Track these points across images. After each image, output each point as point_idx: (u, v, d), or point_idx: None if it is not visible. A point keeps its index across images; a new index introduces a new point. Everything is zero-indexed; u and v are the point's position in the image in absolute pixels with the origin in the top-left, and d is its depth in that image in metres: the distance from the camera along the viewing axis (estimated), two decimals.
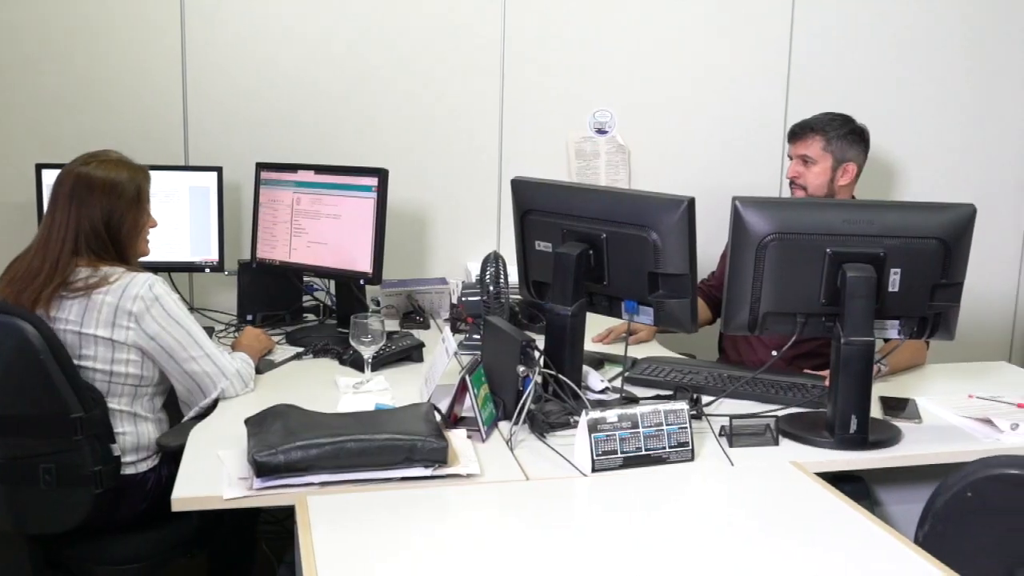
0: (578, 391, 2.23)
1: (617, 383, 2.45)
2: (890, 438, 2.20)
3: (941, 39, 3.64)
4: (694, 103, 3.54)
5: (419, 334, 2.94)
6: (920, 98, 3.66)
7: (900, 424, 2.30)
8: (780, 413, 2.30)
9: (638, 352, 2.84)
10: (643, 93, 3.50)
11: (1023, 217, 3.81)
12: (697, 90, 3.53)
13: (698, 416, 2.25)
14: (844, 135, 2.94)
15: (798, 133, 3.00)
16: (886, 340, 2.47)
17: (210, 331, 2.88)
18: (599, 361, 2.69)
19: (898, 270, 2.15)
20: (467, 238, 3.49)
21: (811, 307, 2.19)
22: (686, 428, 2.04)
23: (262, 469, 1.82)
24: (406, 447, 1.89)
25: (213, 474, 1.90)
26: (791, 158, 3.03)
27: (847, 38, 3.58)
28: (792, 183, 3.01)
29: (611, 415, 2.00)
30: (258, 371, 2.55)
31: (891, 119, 3.60)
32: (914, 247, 2.15)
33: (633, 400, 2.34)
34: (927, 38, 3.63)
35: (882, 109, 3.56)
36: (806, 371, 2.68)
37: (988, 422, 2.30)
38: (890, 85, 3.62)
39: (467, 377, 2.10)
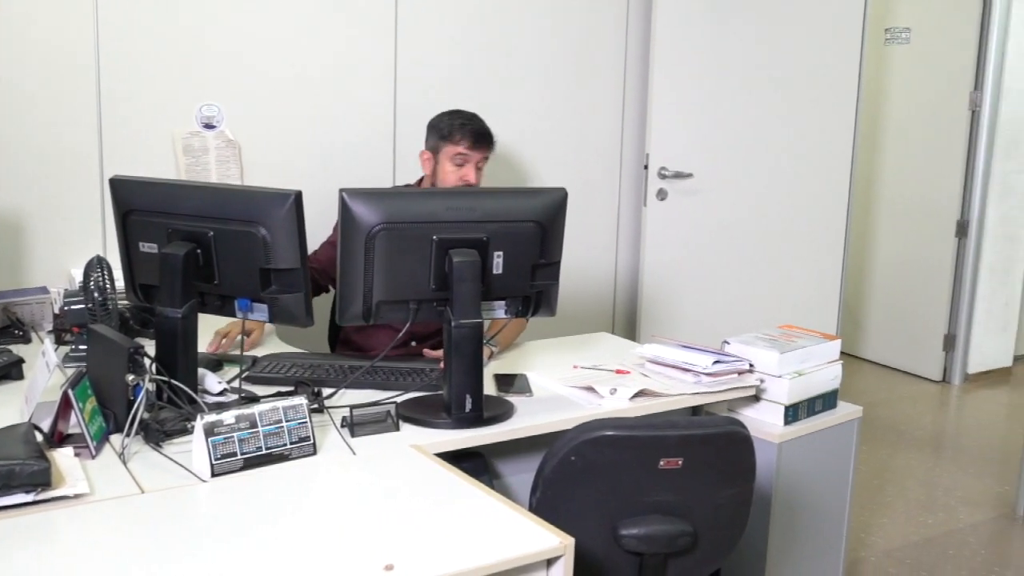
0: (194, 395, 2.16)
1: (237, 383, 2.39)
2: (503, 413, 2.31)
3: (541, 32, 3.86)
4: (304, 97, 3.52)
5: (19, 349, 2.71)
6: (523, 90, 3.86)
7: (513, 399, 2.42)
8: (401, 399, 2.35)
9: (261, 351, 2.79)
10: (252, 86, 3.44)
11: (617, 200, 4.13)
12: (305, 83, 3.52)
13: (320, 409, 2.25)
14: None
15: (485, 140, 3.09)
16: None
17: None
18: (217, 363, 2.61)
19: (500, 253, 2.26)
20: (70, 243, 3.27)
21: (423, 293, 2.25)
22: (306, 423, 2.03)
23: None
24: (2, 473, 1.74)
25: None
26: (459, 161, 3.07)
27: (452, 32, 3.71)
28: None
29: (228, 417, 1.95)
30: None
31: (498, 110, 3.77)
32: (514, 230, 2.27)
33: (253, 399, 2.29)
34: (528, 32, 3.84)
35: (489, 101, 3.73)
36: (425, 351, 2.76)
37: (590, 389, 2.48)
38: (495, 77, 3.80)
39: (70, 391, 1.97)
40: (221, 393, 2.33)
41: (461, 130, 3.07)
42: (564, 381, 2.57)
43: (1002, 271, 5.83)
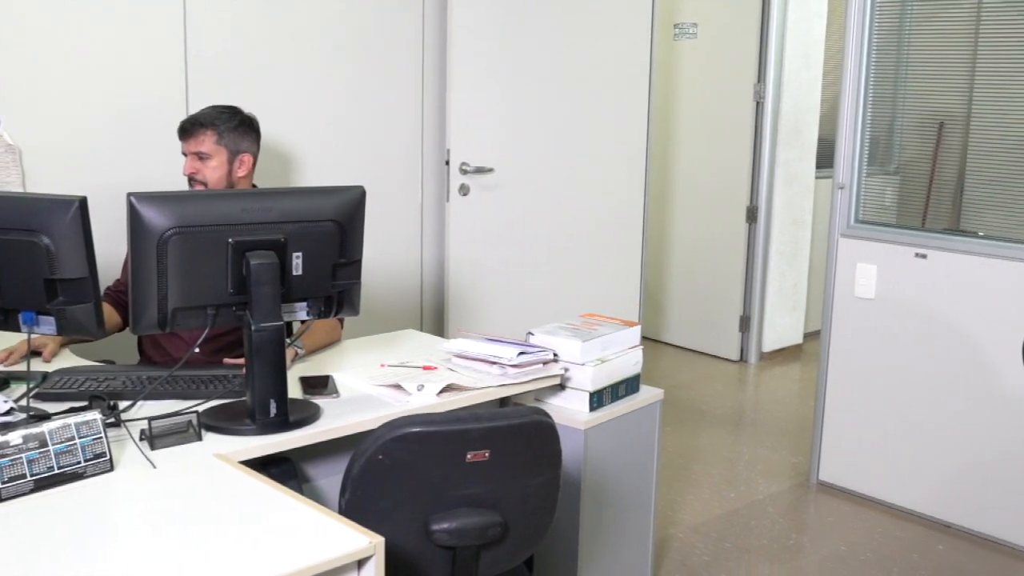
0: None
1: (24, 402, 2.27)
2: (310, 416, 2.28)
3: (335, 28, 3.81)
4: (91, 98, 3.37)
5: None
6: (318, 88, 3.81)
7: (320, 401, 2.39)
8: (203, 407, 2.28)
9: (53, 365, 2.66)
10: (33, 89, 3.26)
11: (420, 196, 4.13)
12: (92, 84, 3.36)
13: (117, 423, 2.16)
14: (235, 127, 2.97)
15: (188, 130, 2.95)
16: (303, 322, 2.55)
17: None
18: (3, 381, 2.47)
19: (300, 253, 2.23)
20: None
21: (220, 298, 2.19)
22: (101, 438, 1.95)
23: None
24: None
25: None
26: (185, 155, 2.99)
27: (245, 29, 3.62)
28: (191, 180, 2.98)
29: (15, 437, 1.85)
30: None
31: (293, 109, 3.71)
32: (312, 230, 2.24)
33: (43, 417, 2.18)
34: (322, 28, 3.78)
35: (284, 100, 3.66)
36: (227, 361, 2.69)
37: (398, 387, 2.48)
38: (288, 75, 3.73)
39: None
40: (7, 413, 2.20)
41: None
42: (371, 380, 2.55)
43: (790, 254, 6.16)
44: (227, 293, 2.19)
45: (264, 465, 2.17)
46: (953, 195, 4.29)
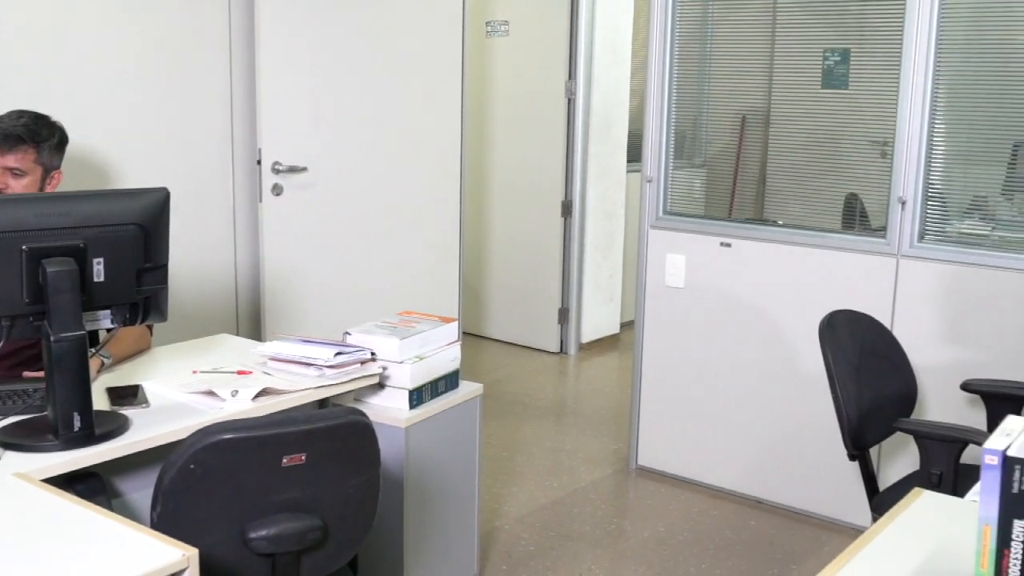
0: None
1: None
2: (117, 428, 2.19)
3: (134, 26, 3.67)
4: None
5: None
6: (117, 88, 3.66)
7: (128, 412, 2.31)
8: (1, 424, 2.16)
9: None
10: None
11: (232, 197, 4.03)
12: None
13: None
14: (55, 145, 2.80)
15: (5, 143, 2.74)
16: (108, 331, 2.45)
17: None
18: None
19: (101, 259, 2.14)
20: None
21: (16, 309, 2.08)
22: None
23: None
24: None
25: None
26: None
27: (35, 26, 3.44)
28: None
29: None
30: None
31: (91, 110, 3.56)
32: (114, 235, 2.16)
33: None
34: (120, 27, 3.64)
35: (81, 100, 3.50)
36: (26, 374, 2.56)
37: (211, 393, 2.41)
38: (87, 75, 3.57)
39: None
40: None
41: None
42: (183, 388, 2.48)
43: (605, 246, 6.31)
44: (23, 303, 2.08)
45: (70, 482, 2.08)
46: (756, 187, 4.50)
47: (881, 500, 2.86)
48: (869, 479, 2.92)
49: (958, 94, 3.70)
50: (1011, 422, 1.48)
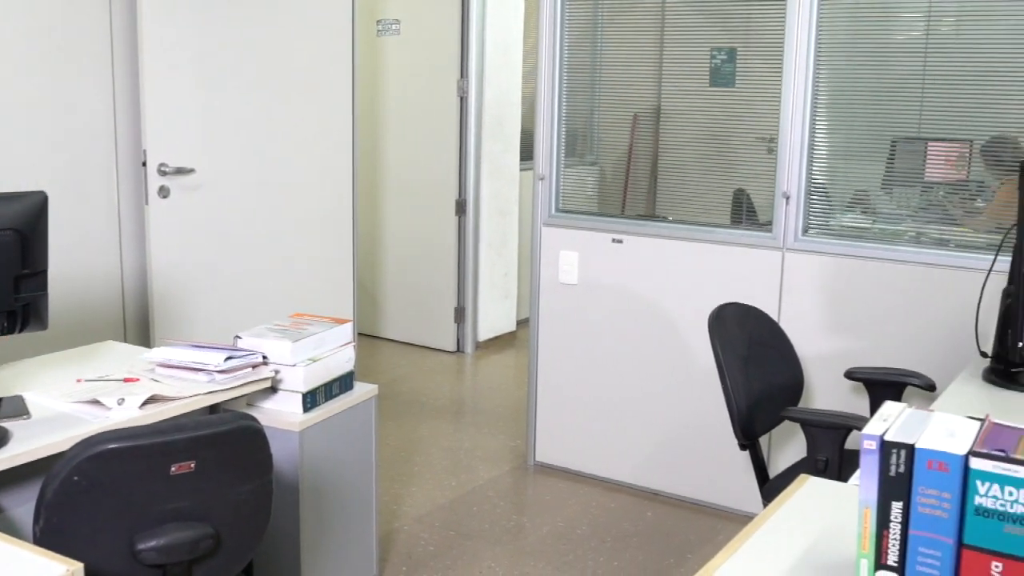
0: None
1: None
2: None
3: (8, 20, 3.55)
4: None
5: None
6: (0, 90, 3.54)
7: (8, 424, 2.23)
8: None
9: None
10: None
11: (116, 200, 3.93)
12: None
13: None
14: None
15: None
16: None
17: None
18: None
19: None
20: None
21: None
22: None
23: None
24: None
25: None
26: None
27: None
28: None
29: None
30: None
31: None
32: None
33: None
34: None
35: None
36: None
37: (96, 402, 2.35)
38: None
39: None
40: None
41: None
42: (66, 397, 2.40)
43: (499, 244, 6.33)
44: None
45: None
46: (648, 183, 4.56)
47: (771, 487, 2.93)
48: (759, 467, 2.99)
49: (839, 92, 3.81)
50: (888, 408, 1.53)
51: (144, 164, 3.92)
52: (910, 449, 1.40)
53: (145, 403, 2.36)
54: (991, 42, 3.48)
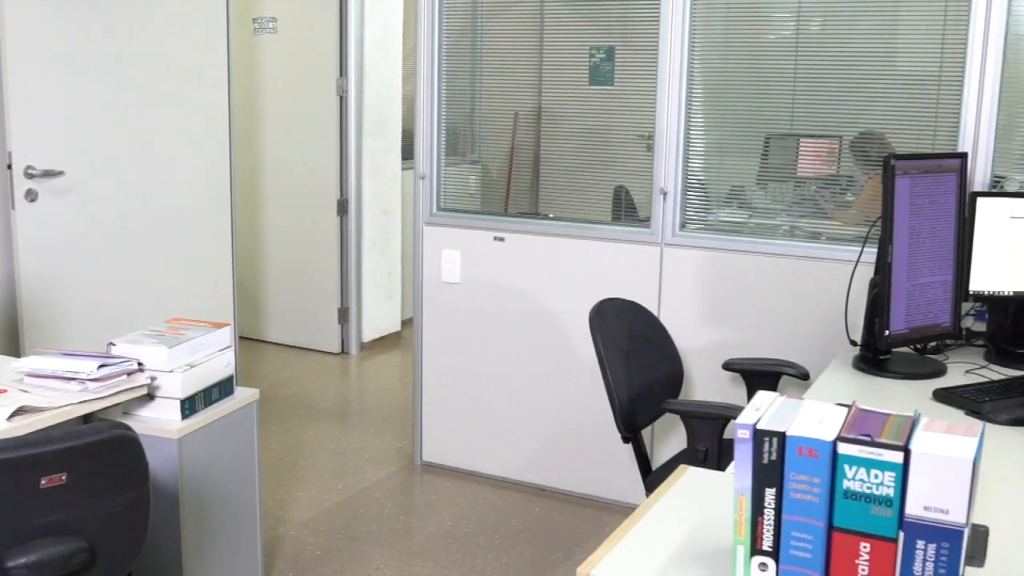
0: None
1: None
2: None
3: None
4: None
5: None
6: None
7: None
8: None
9: None
10: None
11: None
12: None
13: None
14: None
15: None
16: None
17: None
18: None
19: None
20: None
21: None
22: None
23: None
24: None
25: None
26: None
27: None
28: None
29: None
30: None
31: None
32: None
33: None
34: None
35: None
36: None
37: None
38: None
39: None
40: None
41: None
42: None
43: (382, 244, 6.29)
44: None
45: None
46: (530, 181, 4.59)
47: (653, 479, 2.98)
48: (642, 459, 3.04)
49: (714, 90, 3.90)
50: (761, 397, 1.57)
51: (9, 167, 3.78)
52: (781, 437, 1.45)
53: (13, 415, 2.27)
54: (857, 41, 3.61)
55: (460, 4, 4.24)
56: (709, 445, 2.76)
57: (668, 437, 3.87)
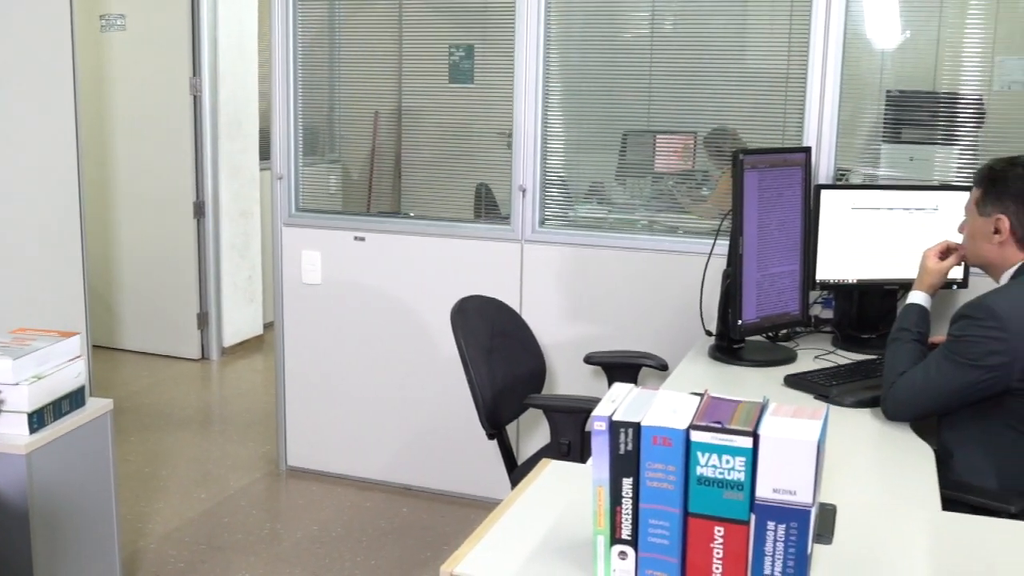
0: None
1: None
2: None
3: None
4: None
5: None
6: None
7: None
8: None
9: None
10: None
11: None
12: None
13: None
14: None
15: None
16: None
17: None
18: None
19: None
20: None
21: None
22: None
23: None
24: None
25: None
26: None
27: None
28: None
29: None
30: None
31: None
32: None
33: None
34: None
35: None
36: None
37: None
38: None
39: None
40: None
41: None
42: None
43: (242, 246, 6.17)
44: None
45: None
46: (392, 180, 4.57)
47: (518, 474, 3.01)
48: (507, 455, 3.06)
49: (572, 87, 3.95)
50: (617, 389, 1.60)
51: None
52: (636, 427, 1.48)
53: None
54: (709, 40, 3.71)
55: (316, 3, 4.18)
56: (572, 438, 2.79)
57: (534, 432, 3.90)
